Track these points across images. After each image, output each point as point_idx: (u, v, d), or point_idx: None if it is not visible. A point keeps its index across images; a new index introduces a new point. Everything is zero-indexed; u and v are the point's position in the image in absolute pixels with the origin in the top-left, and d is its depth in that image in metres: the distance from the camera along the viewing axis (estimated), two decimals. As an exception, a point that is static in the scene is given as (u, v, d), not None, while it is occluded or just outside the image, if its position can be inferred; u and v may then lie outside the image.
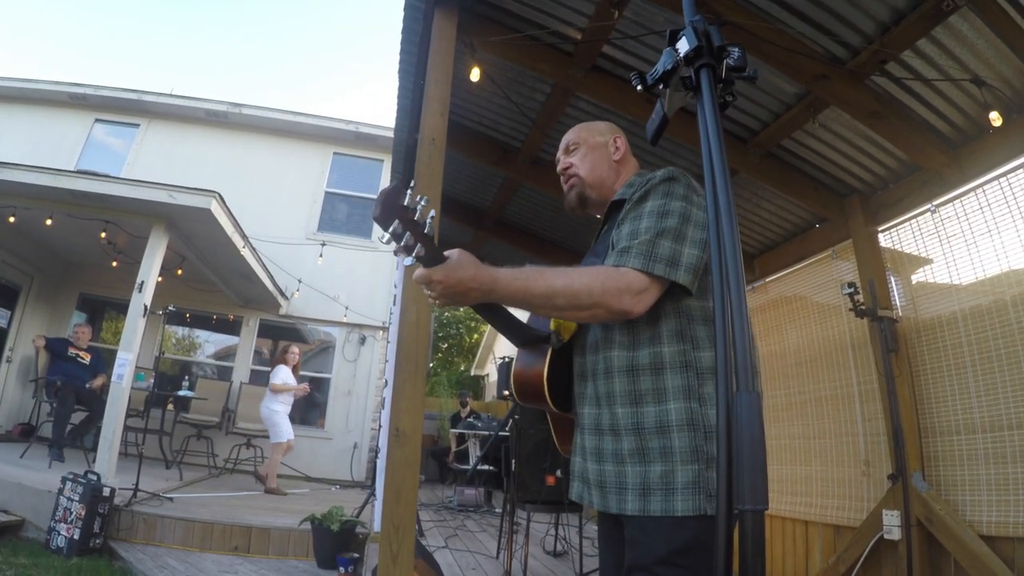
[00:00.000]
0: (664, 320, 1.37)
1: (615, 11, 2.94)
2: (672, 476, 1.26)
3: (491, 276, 1.23)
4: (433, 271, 1.19)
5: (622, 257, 1.32)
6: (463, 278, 1.20)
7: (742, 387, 0.76)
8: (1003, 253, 3.28)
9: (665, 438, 1.29)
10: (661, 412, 1.31)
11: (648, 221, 1.36)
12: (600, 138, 1.71)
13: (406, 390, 2.40)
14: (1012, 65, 2.83)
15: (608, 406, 1.39)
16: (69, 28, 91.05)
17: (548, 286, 1.27)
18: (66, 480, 4.75)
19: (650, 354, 1.35)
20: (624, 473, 1.32)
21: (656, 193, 1.41)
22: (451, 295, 1.22)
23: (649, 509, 1.26)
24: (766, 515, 0.76)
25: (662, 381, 1.33)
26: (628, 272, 1.30)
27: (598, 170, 1.67)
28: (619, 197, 1.58)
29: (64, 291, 9.21)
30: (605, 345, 1.42)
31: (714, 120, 0.92)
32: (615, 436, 1.36)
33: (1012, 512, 3.05)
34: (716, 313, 0.83)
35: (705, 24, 0.97)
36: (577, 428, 1.54)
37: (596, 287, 1.27)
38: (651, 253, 1.31)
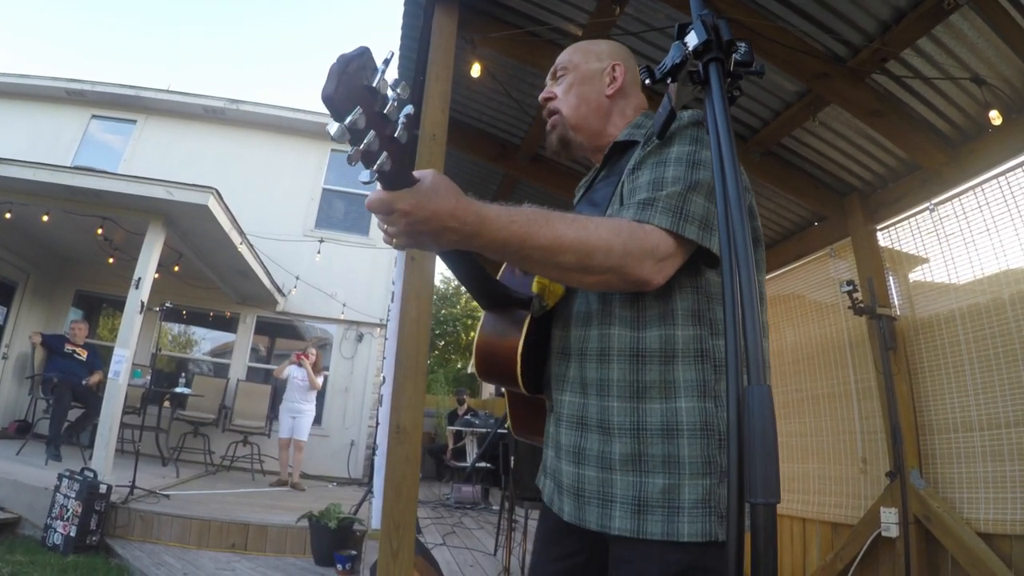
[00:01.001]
0: (679, 296, 1.09)
1: (617, 7, 2.94)
2: (678, 492, 1.01)
3: (477, 214, 0.91)
4: (398, 196, 0.86)
5: (645, 211, 1.04)
6: (438, 211, 0.88)
7: (754, 380, 0.76)
8: (1001, 252, 3.30)
9: (671, 444, 1.03)
10: (669, 411, 1.05)
11: (676, 170, 1.08)
12: (595, 64, 1.37)
13: (407, 387, 2.40)
14: (1012, 64, 2.83)
15: (598, 396, 1.11)
16: (66, 24, 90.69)
17: (555, 237, 0.96)
18: (63, 477, 4.74)
19: (660, 337, 1.08)
20: (611, 482, 1.06)
21: (683, 138, 1.13)
22: (418, 233, 0.90)
23: (646, 531, 1.01)
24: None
25: (672, 372, 1.06)
26: (653, 231, 1.02)
27: (583, 108, 1.34)
28: (625, 138, 1.29)
29: (60, 287, 9.19)
30: (602, 319, 1.13)
31: (724, 114, 0.91)
32: (604, 435, 1.09)
33: (1009, 510, 3.07)
34: (726, 304, 0.82)
35: (714, 18, 0.97)
36: (551, 415, 1.25)
37: (617, 246, 0.98)
38: (682, 210, 1.03)
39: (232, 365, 9.62)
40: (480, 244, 0.94)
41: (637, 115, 1.36)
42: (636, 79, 1.39)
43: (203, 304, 9.46)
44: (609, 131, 1.35)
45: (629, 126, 1.32)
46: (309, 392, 7.77)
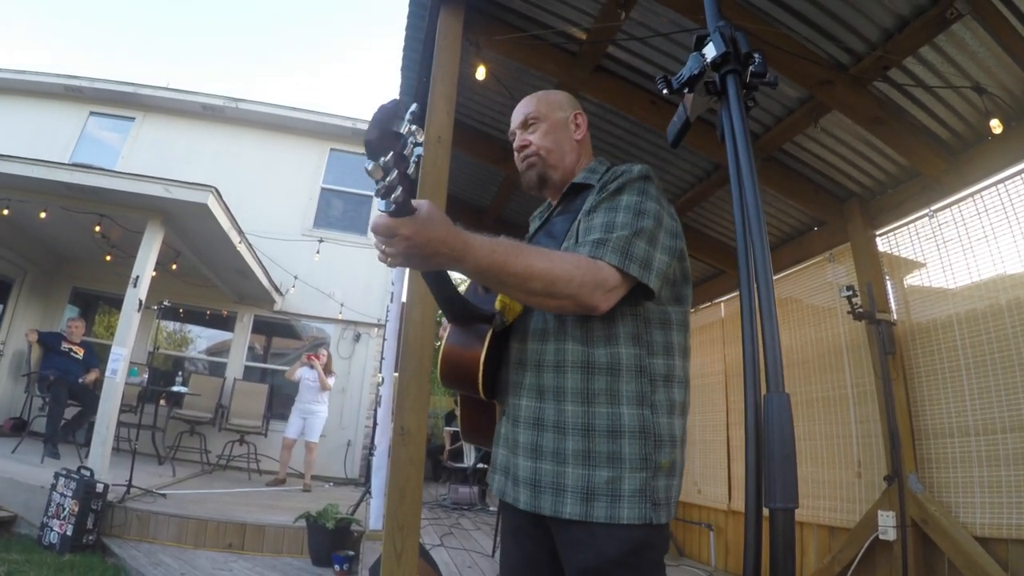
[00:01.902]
0: (621, 321, 1.30)
1: (622, 12, 2.95)
2: (619, 483, 1.21)
3: (463, 242, 1.08)
4: (400, 223, 1.00)
5: (598, 249, 1.23)
6: (433, 238, 1.03)
7: (772, 388, 0.78)
8: (999, 258, 3.33)
9: (615, 443, 1.23)
10: (614, 415, 1.25)
11: (624, 216, 1.28)
12: (561, 114, 1.57)
13: (411, 389, 2.41)
14: (1013, 73, 2.86)
15: (555, 401, 1.29)
16: (65, 20, 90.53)
17: (527, 267, 1.14)
18: (59, 476, 4.72)
19: (607, 354, 1.28)
20: (563, 474, 1.24)
21: (633, 189, 1.34)
22: (414, 256, 1.05)
23: (592, 515, 1.20)
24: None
25: (617, 383, 1.27)
26: (605, 267, 1.21)
27: (559, 151, 1.54)
28: (582, 180, 1.50)
29: (57, 285, 9.15)
30: (558, 336, 1.32)
31: (741, 125, 0.93)
32: (559, 433, 1.27)
33: (1005, 514, 3.09)
34: (743, 313, 0.84)
35: (732, 30, 0.99)
36: (505, 418, 1.42)
37: (576, 277, 1.17)
38: (628, 251, 1.23)
39: (229, 364, 9.59)
40: (465, 268, 1.11)
41: (590, 160, 1.58)
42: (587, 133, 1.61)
43: (200, 302, 9.43)
44: (575, 170, 1.56)
45: (585, 170, 1.53)
46: (321, 393, 7.76)
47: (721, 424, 5.45)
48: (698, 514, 5.60)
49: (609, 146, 4.40)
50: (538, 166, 1.54)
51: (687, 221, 5.07)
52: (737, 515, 5.10)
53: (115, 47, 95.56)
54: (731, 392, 5.43)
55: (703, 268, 5.78)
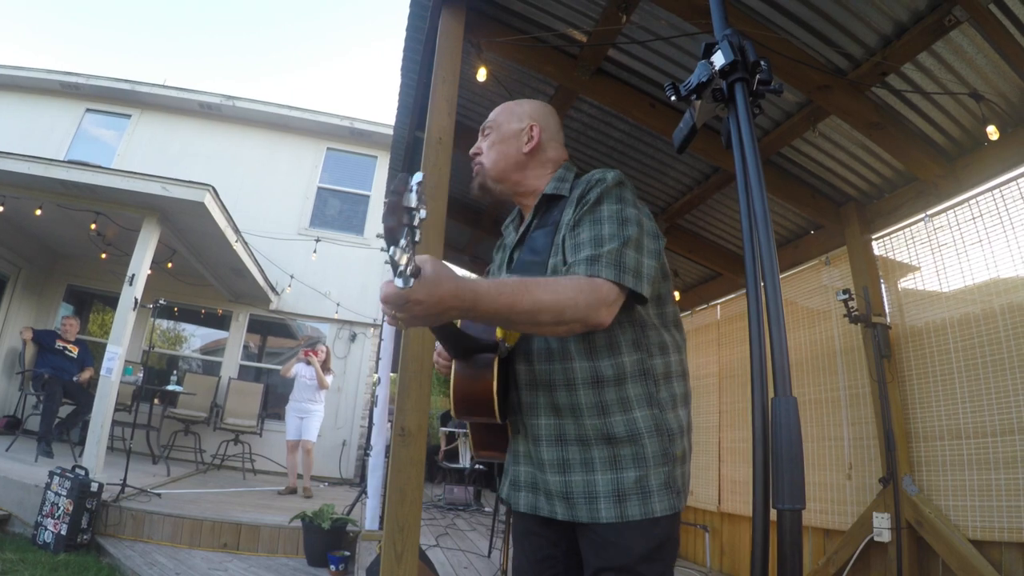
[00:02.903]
0: (620, 330, 1.35)
1: (623, 15, 2.97)
2: (647, 480, 1.28)
3: (472, 291, 1.08)
4: (411, 290, 0.97)
5: (593, 266, 1.26)
6: (443, 296, 1.02)
7: (779, 392, 0.79)
8: (993, 263, 3.35)
9: (637, 445, 1.30)
10: (630, 420, 1.31)
11: (610, 227, 1.31)
12: (515, 125, 1.58)
13: (412, 389, 2.41)
14: (1010, 80, 2.89)
15: (573, 417, 1.35)
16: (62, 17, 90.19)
17: (535, 302, 1.15)
18: (54, 475, 4.71)
19: (612, 365, 1.34)
20: (594, 482, 1.31)
21: (610, 197, 1.36)
22: (428, 316, 1.05)
23: (628, 514, 1.26)
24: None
25: (624, 391, 1.33)
26: (603, 284, 1.24)
27: (502, 163, 1.56)
28: (552, 191, 1.51)
29: (52, 283, 9.10)
30: (562, 355, 1.37)
31: (749, 132, 0.94)
32: (583, 446, 1.34)
33: (997, 518, 3.12)
34: (751, 317, 0.86)
35: (740, 38, 1.00)
36: (522, 437, 1.46)
37: (581, 301, 1.19)
38: (620, 263, 1.26)
39: (224, 363, 9.57)
40: (476, 315, 1.14)
41: (557, 167, 1.57)
42: (555, 135, 1.61)
43: (196, 301, 9.39)
44: (529, 181, 1.57)
45: (554, 179, 1.54)
46: (318, 391, 7.36)
47: (714, 426, 5.48)
48: (692, 516, 5.62)
49: (609, 148, 4.41)
50: (479, 176, 1.58)
51: (684, 224, 5.09)
52: (730, 517, 5.13)
53: (112, 44, 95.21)
54: (724, 394, 5.45)
55: (699, 271, 5.80)
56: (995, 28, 2.62)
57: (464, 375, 1.40)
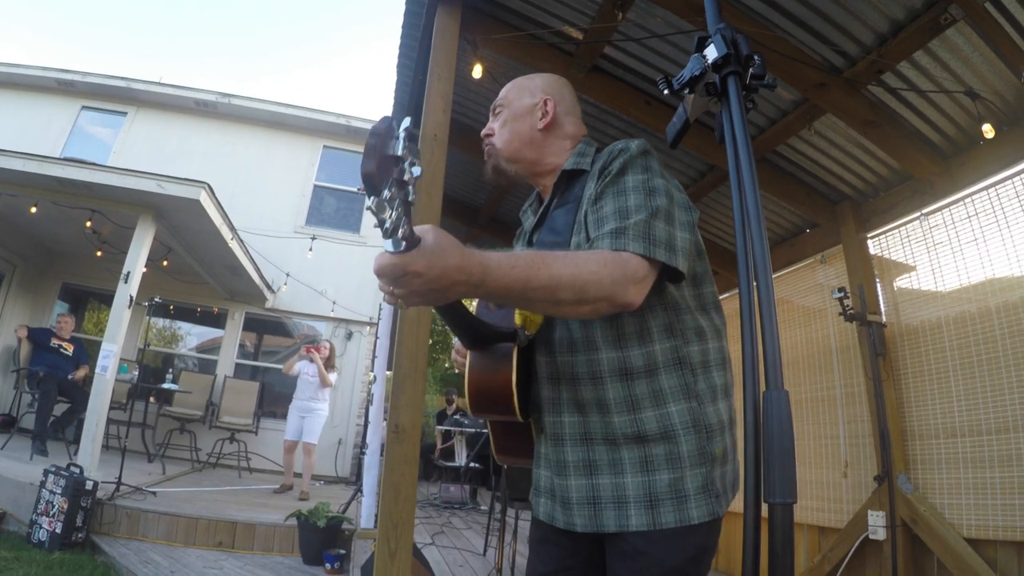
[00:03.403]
0: (651, 314, 1.22)
1: (619, 13, 2.96)
2: (682, 483, 1.15)
3: (481, 264, 0.96)
4: (410, 259, 0.87)
5: (619, 239, 1.13)
6: (448, 267, 0.90)
7: (771, 385, 0.78)
8: (988, 261, 3.36)
9: (671, 443, 1.17)
10: (663, 416, 1.18)
11: (636, 198, 1.18)
12: (528, 100, 1.47)
13: (406, 387, 2.41)
14: (1006, 79, 2.89)
15: (599, 413, 1.22)
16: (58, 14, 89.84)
17: (552, 277, 1.02)
18: (48, 473, 4.69)
19: (643, 354, 1.21)
20: (623, 486, 1.18)
21: (636, 167, 1.24)
22: (430, 292, 0.93)
23: (661, 522, 1.14)
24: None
25: (657, 383, 1.20)
26: (631, 258, 1.11)
27: (515, 142, 1.44)
28: (572, 167, 1.39)
29: (47, 280, 9.07)
30: (587, 345, 1.24)
31: (742, 126, 0.94)
32: (611, 445, 1.21)
33: (992, 516, 3.12)
34: (743, 312, 0.85)
35: (733, 32, 1.00)
36: (544, 437, 1.34)
37: (605, 277, 1.06)
38: (650, 235, 1.13)
39: (220, 361, 9.55)
40: (485, 292, 1.00)
41: (576, 143, 1.46)
42: (571, 109, 1.50)
43: (191, 299, 9.38)
44: (547, 160, 1.45)
45: (573, 154, 1.42)
46: (321, 390, 7.07)
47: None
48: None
49: (604, 146, 4.40)
50: (492, 157, 1.47)
51: (681, 222, 5.08)
52: (729, 515, 5.12)
53: (109, 42, 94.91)
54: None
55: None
56: (991, 26, 2.62)
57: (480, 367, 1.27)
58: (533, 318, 1.29)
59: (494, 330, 1.27)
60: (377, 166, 0.77)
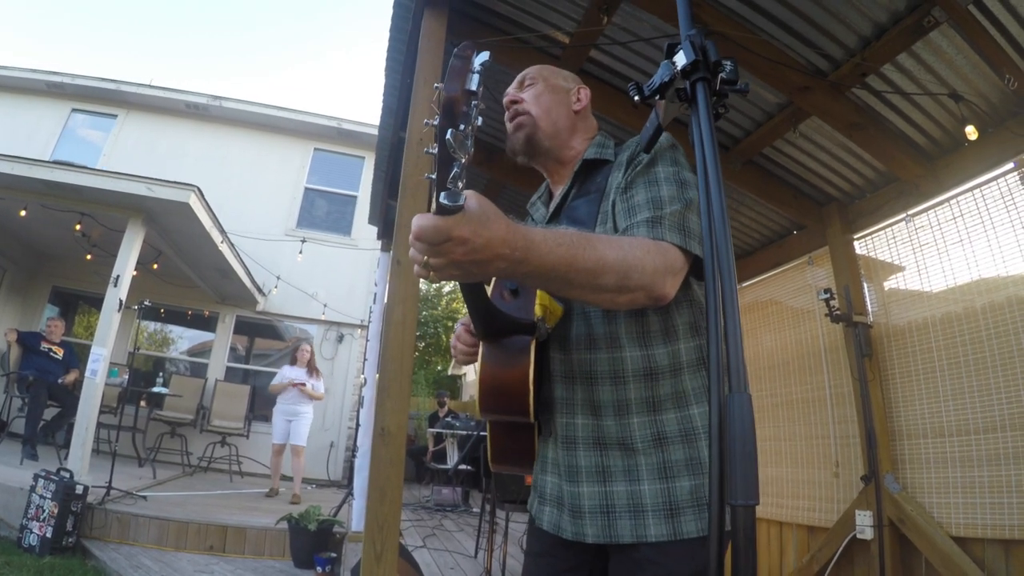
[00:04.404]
0: (678, 311, 1.18)
1: (604, 17, 2.98)
2: (703, 489, 1.10)
3: (526, 238, 0.87)
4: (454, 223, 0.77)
5: (655, 229, 1.09)
6: (493, 238, 0.81)
7: (735, 388, 0.79)
8: (974, 262, 3.38)
9: (692, 447, 1.12)
10: (684, 418, 1.14)
11: (669, 189, 1.15)
12: (563, 82, 1.45)
13: (392, 389, 2.41)
14: (989, 80, 2.91)
15: (616, 416, 1.16)
16: (47, 17, 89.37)
17: (599, 259, 0.96)
18: (38, 477, 4.68)
19: (668, 353, 1.16)
20: (640, 493, 1.12)
21: (665, 159, 1.21)
22: (471, 264, 0.83)
23: (683, 532, 1.08)
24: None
25: (681, 383, 1.16)
26: (670, 248, 1.07)
27: (555, 115, 1.38)
28: (595, 156, 1.35)
29: (37, 284, 9.04)
30: (609, 343, 1.18)
31: (709, 132, 0.94)
32: (626, 451, 1.15)
33: (979, 515, 3.14)
34: (709, 314, 0.86)
35: (702, 38, 1.00)
36: (552, 440, 1.27)
37: (648, 263, 1.02)
38: (685, 228, 1.10)
39: (210, 365, 9.53)
40: (525, 271, 0.91)
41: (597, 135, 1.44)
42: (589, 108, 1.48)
43: (181, 303, 9.36)
44: (573, 145, 1.41)
45: (593, 145, 1.39)
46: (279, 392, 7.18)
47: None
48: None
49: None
50: (527, 127, 1.37)
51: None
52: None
53: (98, 44, 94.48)
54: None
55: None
56: (974, 29, 2.64)
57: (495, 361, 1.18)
58: (553, 310, 1.20)
59: (512, 321, 1.17)
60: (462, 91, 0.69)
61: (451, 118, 0.69)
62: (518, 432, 1.32)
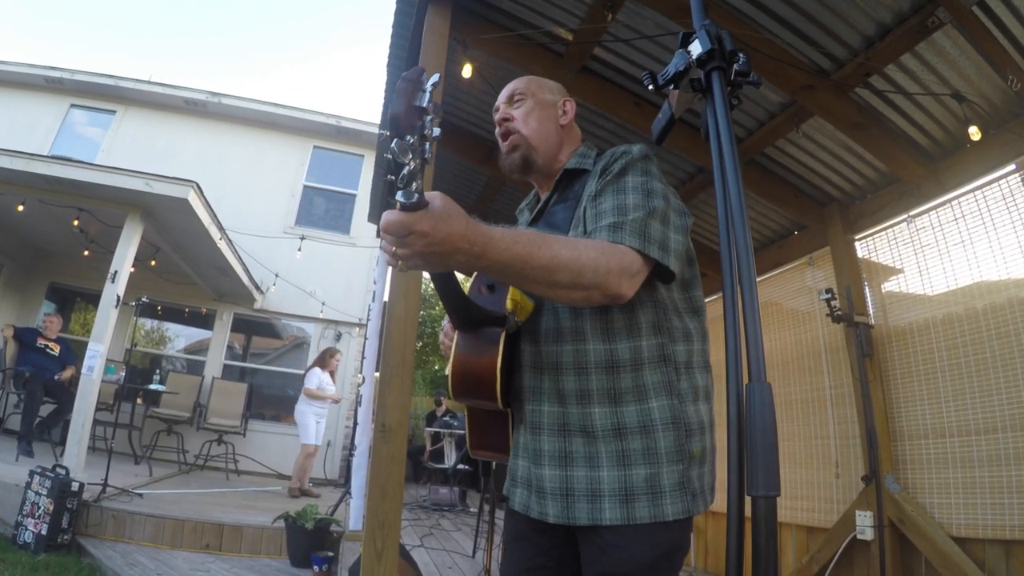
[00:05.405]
0: (641, 310, 1.25)
1: (609, 14, 2.97)
2: (658, 479, 1.16)
3: (484, 235, 0.98)
4: (417, 218, 0.88)
5: (616, 233, 1.17)
6: (452, 233, 0.92)
7: (754, 378, 0.78)
8: (975, 263, 3.38)
9: (649, 438, 1.18)
10: (643, 411, 1.20)
11: (635, 197, 1.23)
12: (550, 96, 1.51)
13: (393, 385, 2.40)
14: (992, 82, 2.91)
15: (579, 404, 1.24)
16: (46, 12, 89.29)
17: (552, 257, 1.05)
18: (34, 474, 4.64)
19: (630, 348, 1.23)
20: (599, 479, 1.19)
21: (636, 169, 1.28)
22: (432, 255, 0.93)
23: (635, 516, 1.15)
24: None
25: (642, 377, 1.22)
26: (627, 251, 1.14)
27: (544, 131, 1.47)
28: (575, 166, 1.44)
29: (34, 280, 8.99)
30: (575, 336, 1.26)
31: (726, 122, 0.94)
32: (588, 438, 1.22)
33: (980, 515, 3.14)
34: (726, 306, 0.85)
35: (718, 28, 1.00)
36: (522, 427, 1.35)
37: (602, 264, 1.09)
38: (645, 233, 1.17)
39: (207, 362, 9.48)
40: (484, 264, 1.01)
41: (580, 146, 1.52)
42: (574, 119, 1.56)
43: (179, 300, 9.30)
44: (560, 157, 1.50)
45: (576, 155, 1.47)
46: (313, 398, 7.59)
47: (704, 425, 5.48)
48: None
49: (603, 150, 4.41)
50: (521, 148, 1.46)
51: (670, 224, 5.09)
52: (716, 516, 5.14)
53: (97, 40, 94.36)
54: (714, 393, 5.46)
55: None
56: (978, 30, 2.64)
57: (466, 349, 1.28)
58: (524, 304, 1.30)
59: (485, 313, 1.28)
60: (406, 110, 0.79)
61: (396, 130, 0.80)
62: (494, 421, 1.41)
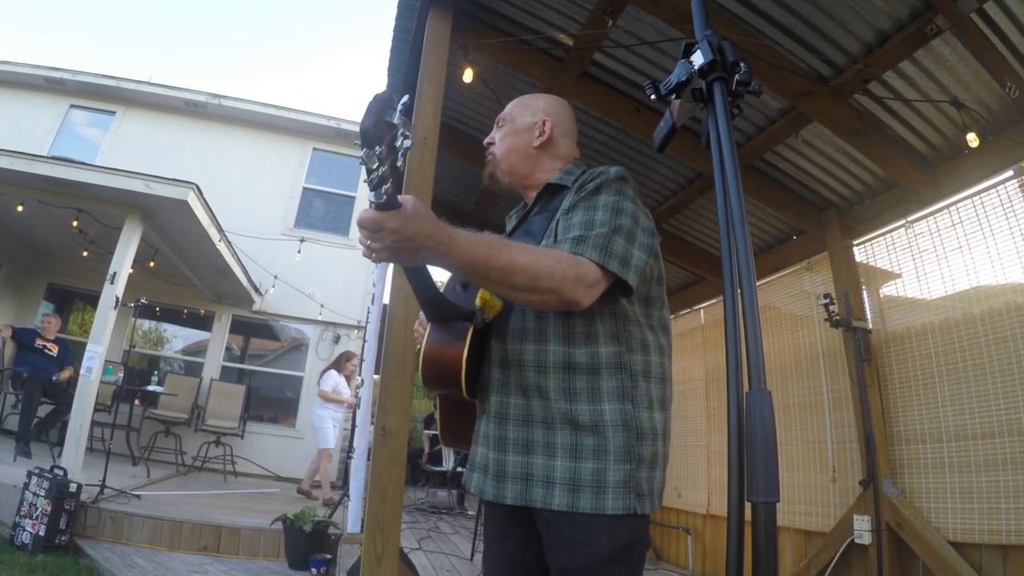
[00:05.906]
0: (600, 320, 1.34)
1: (609, 19, 2.98)
2: (604, 474, 1.24)
3: (449, 236, 1.10)
4: (387, 216, 1.01)
5: (578, 246, 1.26)
6: (419, 231, 1.05)
7: (754, 386, 0.79)
8: (973, 269, 3.40)
9: (600, 437, 1.27)
10: (595, 412, 1.28)
11: (603, 215, 1.31)
12: (528, 119, 1.61)
13: (393, 388, 2.41)
14: (990, 88, 2.93)
15: (540, 397, 1.33)
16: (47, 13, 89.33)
17: (510, 261, 1.16)
18: (32, 475, 4.64)
19: (588, 353, 1.31)
20: (553, 467, 1.28)
21: (610, 189, 1.37)
22: (400, 250, 1.06)
23: (578, 505, 1.23)
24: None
25: (597, 382, 1.31)
26: (586, 262, 1.23)
27: (512, 156, 1.59)
28: (556, 181, 1.53)
29: (32, 280, 8.98)
30: (538, 336, 1.35)
31: (727, 131, 0.95)
32: (547, 428, 1.32)
33: (977, 520, 3.15)
34: (727, 313, 0.86)
35: (719, 39, 1.01)
36: (486, 416, 1.43)
37: (558, 271, 1.19)
38: (607, 248, 1.26)
39: (206, 364, 9.47)
40: (450, 262, 1.13)
41: (567, 163, 1.60)
42: (568, 131, 1.64)
43: (178, 301, 9.30)
44: (537, 175, 1.59)
45: (561, 171, 1.56)
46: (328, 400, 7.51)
47: (701, 429, 5.50)
48: (676, 518, 5.64)
49: (594, 152, 4.43)
50: (489, 166, 1.62)
51: (668, 228, 5.11)
52: (715, 519, 5.15)
53: (98, 41, 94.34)
54: (711, 398, 5.48)
55: (684, 275, 5.83)
56: (976, 37, 2.66)
57: (436, 341, 1.39)
58: (492, 303, 1.40)
59: (456, 308, 1.39)
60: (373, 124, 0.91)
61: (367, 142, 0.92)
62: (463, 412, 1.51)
